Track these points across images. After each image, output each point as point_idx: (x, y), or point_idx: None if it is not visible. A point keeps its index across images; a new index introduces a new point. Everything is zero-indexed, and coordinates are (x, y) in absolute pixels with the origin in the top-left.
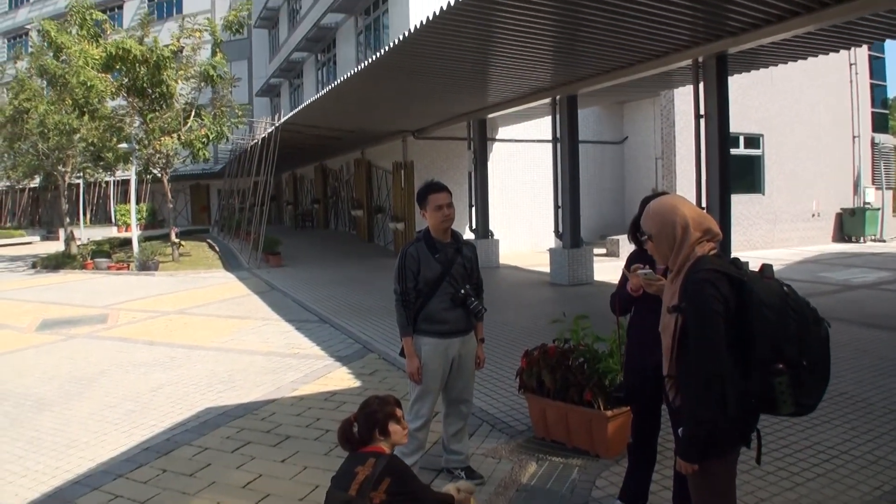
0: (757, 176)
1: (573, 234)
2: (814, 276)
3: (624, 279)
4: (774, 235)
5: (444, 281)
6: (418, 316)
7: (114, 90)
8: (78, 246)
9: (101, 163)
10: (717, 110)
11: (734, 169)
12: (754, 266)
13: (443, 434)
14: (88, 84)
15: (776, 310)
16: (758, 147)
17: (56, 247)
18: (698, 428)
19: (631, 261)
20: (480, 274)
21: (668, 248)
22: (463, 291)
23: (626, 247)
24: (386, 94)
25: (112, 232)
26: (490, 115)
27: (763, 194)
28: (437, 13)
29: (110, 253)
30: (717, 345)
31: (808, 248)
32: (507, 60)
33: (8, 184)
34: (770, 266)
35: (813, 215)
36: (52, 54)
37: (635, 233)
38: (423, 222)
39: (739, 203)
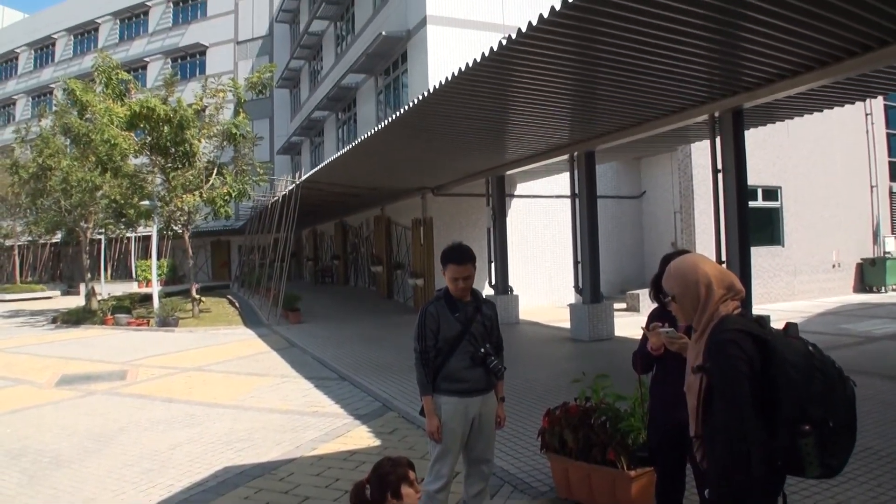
0: (776, 228)
1: (593, 290)
2: (835, 328)
3: (645, 337)
4: (795, 287)
5: (463, 339)
6: (438, 375)
7: (137, 148)
8: (98, 301)
9: (123, 219)
10: (734, 164)
11: (753, 221)
12: (778, 322)
13: (463, 495)
14: (112, 142)
15: (801, 370)
16: (776, 199)
17: (76, 302)
18: (724, 489)
19: (652, 318)
20: (500, 332)
21: (691, 308)
22: (483, 350)
23: (647, 301)
24: (405, 152)
25: (132, 287)
26: (508, 172)
27: (783, 246)
28: (455, 74)
29: (130, 308)
30: (743, 405)
31: (829, 299)
32: (525, 118)
33: (30, 238)
34: (795, 325)
35: (833, 266)
36: (76, 112)
37: (657, 291)
38: (443, 278)
39: (759, 256)
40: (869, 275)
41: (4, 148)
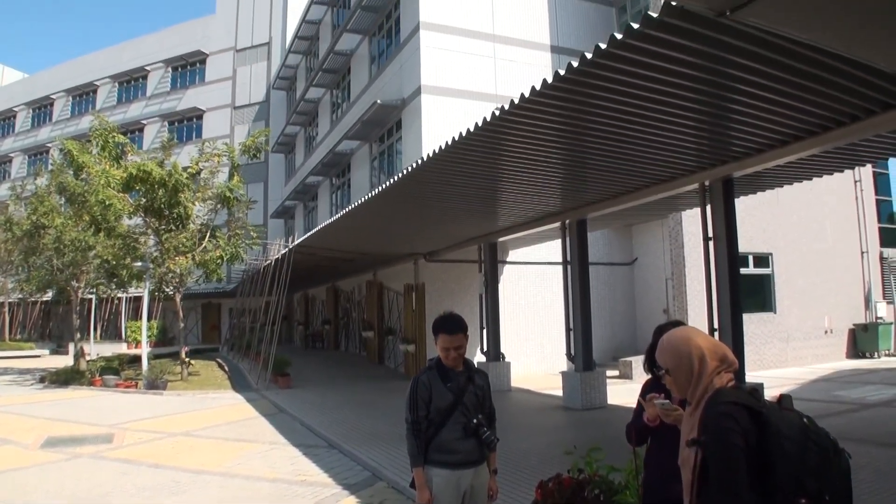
0: (767, 294)
1: (585, 357)
2: (829, 394)
3: (640, 408)
4: (788, 354)
5: (455, 410)
6: (429, 446)
7: (132, 209)
8: (87, 362)
9: (115, 280)
10: (725, 232)
11: (744, 288)
12: (772, 390)
13: None
14: (107, 202)
15: (796, 442)
16: (767, 266)
17: (65, 361)
18: None
19: (646, 389)
20: (493, 402)
21: (685, 381)
22: (475, 421)
23: (640, 369)
24: (398, 218)
25: (122, 348)
26: (501, 239)
27: (774, 313)
28: (448, 143)
29: (119, 370)
30: (739, 479)
31: (822, 365)
32: (517, 186)
33: (21, 296)
34: (789, 397)
35: (825, 332)
36: (72, 172)
37: (651, 363)
38: (434, 346)
39: (751, 322)
40: (861, 340)
41: None
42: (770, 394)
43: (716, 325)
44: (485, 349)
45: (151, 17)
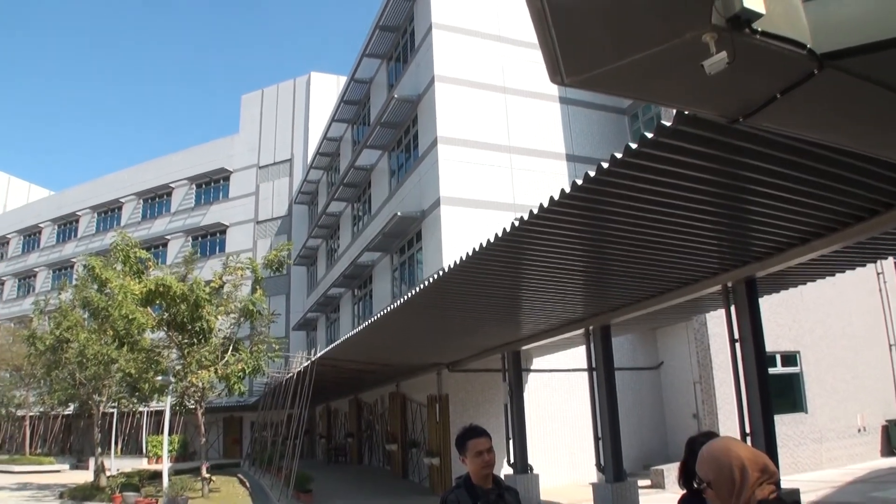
0: (798, 394)
1: (615, 467)
2: (866, 496)
3: None
4: (822, 455)
5: None
6: None
7: (154, 324)
8: (108, 477)
9: (137, 393)
10: (751, 333)
11: (773, 389)
12: (808, 496)
13: None
14: (130, 317)
15: None
16: (795, 364)
17: (85, 476)
18: None
19: None
20: None
21: (727, 494)
22: None
23: (671, 477)
24: (420, 329)
25: (142, 463)
26: (524, 347)
27: (806, 413)
28: (469, 254)
29: (139, 486)
30: None
31: (858, 465)
32: (538, 294)
33: (42, 409)
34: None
35: (859, 430)
36: (96, 287)
37: (687, 477)
38: (458, 461)
39: (782, 424)
40: None
41: (23, 318)
42: (806, 500)
43: (747, 430)
44: (511, 461)
45: (176, 137)
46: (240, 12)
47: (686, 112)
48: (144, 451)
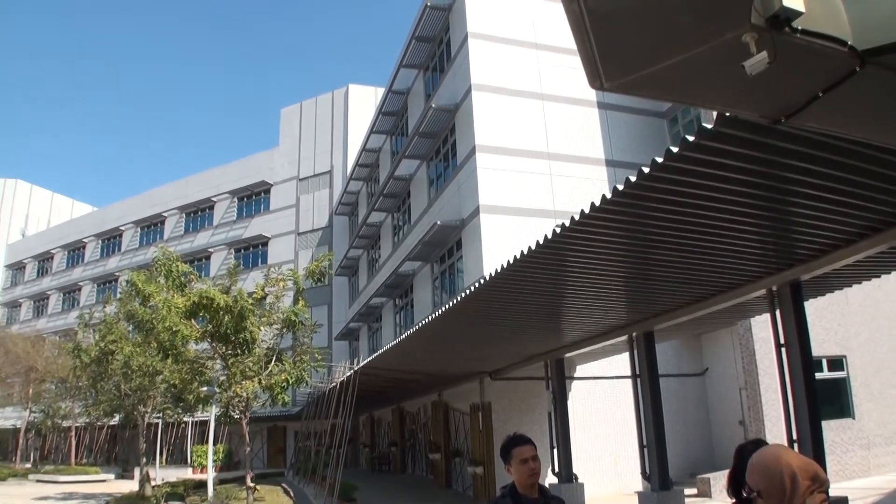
0: (845, 399)
1: (661, 475)
2: None
3: None
4: (870, 462)
5: None
6: None
7: (198, 335)
8: (152, 487)
9: (182, 404)
10: (797, 337)
11: (820, 394)
12: (858, 502)
13: None
14: (174, 329)
15: None
16: (842, 369)
17: (130, 486)
18: None
19: None
20: None
21: (778, 502)
22: None
23: (718, 486)
24: (462, 338)
25: (187, 473)
26: (567, 355)
27: (853, 418)
28: (510, 261)
29: (184, 496)
30: None
31: None
32: (580, 301)
33: (87, 420)
34: None
35: None
36: (139, 301)
37: (735, 486)
38: (503, 470)
39: (829, 430)
40: None
41: (68, 331)
42: None
43: (794, 437)
44: (556, 470)
45: (218, 152)
46: (279, 28)
47: (727, 114)
48: (189, 460)
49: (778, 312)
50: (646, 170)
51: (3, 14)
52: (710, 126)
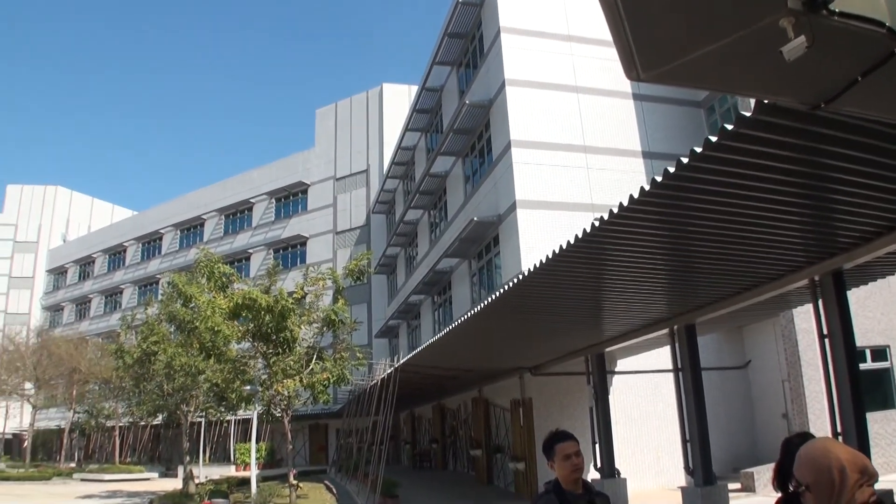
0: (889, 390)
1: (705, 470)
2: None
3: None
4: None
5: None
6: None
7: (240, 335)
8: (196, 485)
9: (224, 403)
10: (840, 328)
11: (864, 385)
12: None
13: None
14: (216, 329)
15: None
16: (886, 359)
17: (174, 484)
18: None
19: None
20: None
21: (826, 497)
22: None
23: (762, 480)
24: (501, 333)
25: (230, 471)
26: (607, 349)
27: None
28: (550, 256)
29: (228, 493)
30: None
31: None
32: (620, 295)
33: (131, 420)
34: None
35: None
36: (181, 302)
37: (783, 480)
38: (545, 466)
39: (874, 421)
40: None
41: (110, 333)
42: None
43: (839, 429)
44: (598, 465)
45: (254, 154)
46: (313, 30)
47: (766, 101)
48: (232, 458)
49: (820, 302)
50: (685, 160)
51: (51, 22)
52: (748, 114)
